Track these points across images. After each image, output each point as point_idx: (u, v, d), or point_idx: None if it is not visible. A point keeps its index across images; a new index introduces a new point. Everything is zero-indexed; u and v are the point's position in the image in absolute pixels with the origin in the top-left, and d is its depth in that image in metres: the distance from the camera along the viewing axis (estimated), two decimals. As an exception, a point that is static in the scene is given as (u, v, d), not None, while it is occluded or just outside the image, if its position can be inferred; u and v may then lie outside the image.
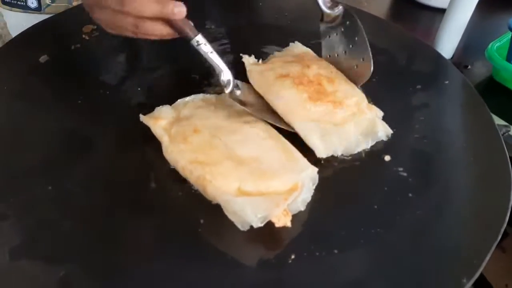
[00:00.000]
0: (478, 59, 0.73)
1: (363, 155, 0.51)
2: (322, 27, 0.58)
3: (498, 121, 0.60)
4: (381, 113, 0.53)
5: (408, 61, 0.64)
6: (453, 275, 0.40)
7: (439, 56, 0.64)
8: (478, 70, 0.72)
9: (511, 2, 0.87)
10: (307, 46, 0.60)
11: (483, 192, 0.48)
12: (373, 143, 0.52)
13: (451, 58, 0.72)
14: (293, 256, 0.41)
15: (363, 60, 0.54)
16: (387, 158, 0.50)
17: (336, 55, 0.57)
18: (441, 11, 0.71)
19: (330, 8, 0.56)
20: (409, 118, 0.55)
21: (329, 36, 0.58)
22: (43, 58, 0.59)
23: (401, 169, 0.49)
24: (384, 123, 0.53)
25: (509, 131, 0.59)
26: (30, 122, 0.52)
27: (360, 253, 0.42)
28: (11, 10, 0.71)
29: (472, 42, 0.75)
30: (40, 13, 0.70)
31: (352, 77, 0.55)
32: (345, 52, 0.56)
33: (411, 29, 0.69)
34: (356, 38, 0.55)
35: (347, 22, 0.56)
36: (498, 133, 0.53)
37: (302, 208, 0.44)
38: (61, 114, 0.53)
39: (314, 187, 0.46)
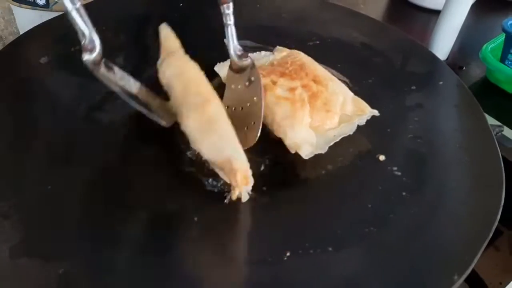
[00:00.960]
0: (473, 60, 0.74)
1: (358, 154, 0.52)
2: (229, 74, 0.55)
3: (491, 121, 0.60)
4: (369, 109, 0.53)
5: (403, 62, 0.65)
6: (445, 272, 0.41)
7: (433, 57, 0.65)
8: (473, 71, 0.73)
9: (505, 3, 0.88)
10: (305, 48, 0.61)
11: (475, 191, 0.49)
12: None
13: (446, 59, 0.73)
14: (288, 254, 0.42)
15: (253, 123, 0.50)
16: (381, 157, 0.51)
17: (233, 108, 0.53)
18: (437, 13, 0.72)
19: (240, 57, 0.54)
20: (404, 118, 0.56)
21: (233, 86, 0.54)
22: (43, 59, 0.59)
23: (395, 168, 0.50)
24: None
25: (502, 131, 0.59)
26: (30, 123, 0.52)
27: (354, 251, 0.43)
28: (20, 7, 0.72)
29: (467, 44, 0.76)
30: (48, 10, 0.71)
31: (239, 137, 0.46)
32: (241, 108, 0.52)
33: (407, 31, 0.70)
34: (255, 99, 0.51)
35: (252, 78, 0.52)
36: (491, 133, 0.54)
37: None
38: (62, 114, 0.54)
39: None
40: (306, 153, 0.49)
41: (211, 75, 0.57)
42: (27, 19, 0.76)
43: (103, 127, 0.53)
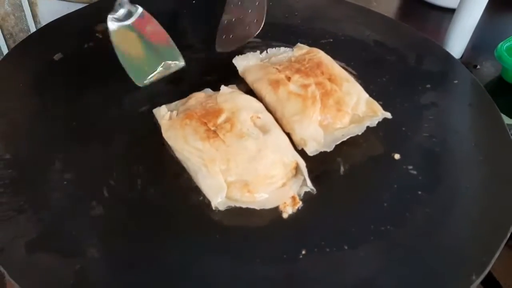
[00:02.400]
0: (488, 59, 0.73)
1: (373, 153, 0.51)
2: None
3: (507, 120, 0.60)
4: (381, 111, 0.53)
5: (418, 61, 0.64)
6: (463, 272, 0.41)
7: (448, 55, 0.65)
8: (487, 70, 0.72)
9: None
10: (317, 46, 0.60)
11: (492, 191, 0.48)
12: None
13: (461, 57, 0.72)
14: (303, 252, 0.42)
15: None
16: (397, 156, 0.51)
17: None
18: (451, 11, 0.72)
19: None
20: (419, 117, 0.56)
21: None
22: (57, 56, 0.60)
23: (410, 167, 0.50)
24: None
25: (518, 130, 0.59)
26: (44, 118, 0.53)
27: (370, 249, 0.43)
28: None
29: (482, 42, 0.75)
30: (71, 1, 0.71)
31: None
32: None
33: (420, 29, 0.70)
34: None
35: None
36: (508, 132, 0.54)
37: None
38: (75, 110, 0.54)
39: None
40: (311, 149, 0.48)
41: (226, 69, 0.58)
42: (51, 11, 0.77)
43: (116, 123, 0.53)
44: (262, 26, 0.59)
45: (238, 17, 0.62)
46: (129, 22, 0.58)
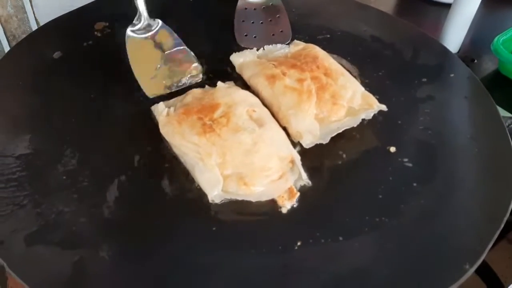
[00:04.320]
0: (485, 53, 0.74)
1: (369, 146, 0.52)
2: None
3: (503, 113, 0.60)
4: (377, 103, 0.53)
5: (414, 55, 0.65)
6: (456, 262, 0.41)
7: (445, 50, 0.65)
8: (485, 63, 0.73)
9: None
10: (314, 42, 0.61)
11: (487, 182, 0.49)
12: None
13: (458, 52, 0.73)
14: (299, 243, 0.42)
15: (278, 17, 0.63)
16: (392, 149, 0.51)
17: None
18: (447, 6, 0.72)
19: None
20: (414, 110, 0.56)
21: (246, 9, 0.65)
22: (56, 54, 0.60)
23: (406, 159, 0.50)
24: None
25: (515, 123, 0.59)
26: (44, 116, 0.53)
27: (364, 240, 0.43)
28: None
29: (479, 36, 0.75)
30: None
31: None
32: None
33: (418, 24, 0.70)
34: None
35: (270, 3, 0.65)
36: (503, 124, 0.54)
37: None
38: (74, 108, 0.55)
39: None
40: (307, 142, 0.49)
41: (224, 67, 0.58)
42: (47, 5, 0.78)
43: (115, 120, 0.54)
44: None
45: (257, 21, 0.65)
46: (147, 34, 0.59)
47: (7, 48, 1.34)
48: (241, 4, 0.65)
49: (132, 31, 0.58)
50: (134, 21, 0.58)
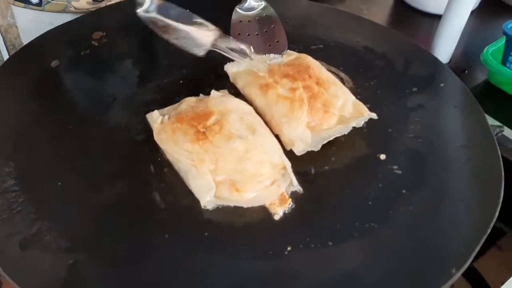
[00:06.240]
0: (476, 63, 0.75)
1: (359, 154, 0.53)
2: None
3: (492, 121, 0.61)
4: (367, 112, 0.54)
5: (406, 65, 0.66)
6: (443, 266, 0.42)
7: (435, 60, 0.66)
8: (475, 74, 0.74)
9: (506, 7, 0.89)
10: (308, 52, 0.62)
11: (475, 190, 0.50)
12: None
13: (449, 62, 0.74)
14: (289, 248, 0.43)
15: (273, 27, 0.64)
16: (382, 156, 0.52)
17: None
18: (439, 17, 0.73)
19: None
20: (405, 119, 0.57)
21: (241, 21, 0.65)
22: (54, 63, 0.62)
23: (395, 167, 0.51)
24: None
25: (503, 131, 0.60)
26: (42, 123, 0.54)
27: (354, 246, 0.44)
28: (13, 4, 0.75)
29: (470, 47, 0.77)
30: (41, 10, 0.73)
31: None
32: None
33: (411, 35, 0.71)
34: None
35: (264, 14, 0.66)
36: (492, 133, 0.55)
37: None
38: (71, 116, 0.56)
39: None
40: (299, 149, 0.50)
41: (219, 75, 0.60)
42: (25, 19, 0.80)
43: (111, 130, 0.55)
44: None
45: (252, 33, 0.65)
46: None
47: (6, 57, 1.36)
48: (236, 17, 0.66)
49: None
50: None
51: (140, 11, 0.58)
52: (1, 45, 1.34)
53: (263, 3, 0.67)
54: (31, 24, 0.78)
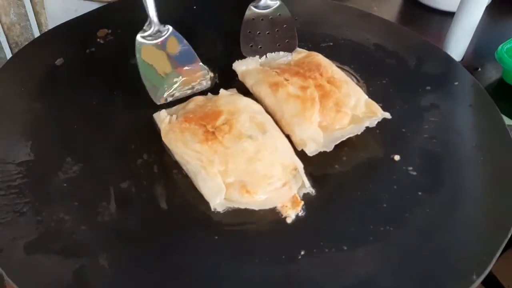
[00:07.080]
0: (489, 61, 0.73)
1: (373, 155, 0.51)
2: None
3: (508, 121, 0.60)
4: (381, 111, 0.53)
5: (418, 63, 0.64)
6: (463, 272, 0.41)
7: (448, 58, 0.65)
8: (488, 72, 0.72)
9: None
10: (317, 50, 0.61)
11: (492, 191, 0.48)
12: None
13: (461, 60, 0.73)
14: (302, 252, 0.42)
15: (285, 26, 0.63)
16: (396, 157, 0.51)
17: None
18: (450, 14, 0.72)
19: None
20: (419, 118, 0.56)
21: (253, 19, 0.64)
22: (59, 61, 0.60)
23: (410, 168, 0.50)
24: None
25: (519, 131, 0.59)
26: (45, 122, 0.53)
27: (369, 250, 0.43)
28: None
29: (483, 45, 0.75)
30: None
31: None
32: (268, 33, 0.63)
33: (422, 33, 0.70)
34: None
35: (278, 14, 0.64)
36: (508, 133, 0.53)
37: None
38: (75, 114, 0.54)
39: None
40: (310, 150, 0.49)
41: (227, 74, 0.58)
42: (53, 5, 0.79)
43: (116, 128, 0.53)
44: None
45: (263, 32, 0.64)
46: (157, 41, 0.58)
47: (9, 56, 1.35)
48: (249, 14, 0.65)
49: (142, 37, 0.58)
50: (144, 27, 0.58)
51: (139, 37, 0.57)
52: (4, 43, 1.33)
53: (278, 2, 0.65)
54: (58, 12, 0.78)
